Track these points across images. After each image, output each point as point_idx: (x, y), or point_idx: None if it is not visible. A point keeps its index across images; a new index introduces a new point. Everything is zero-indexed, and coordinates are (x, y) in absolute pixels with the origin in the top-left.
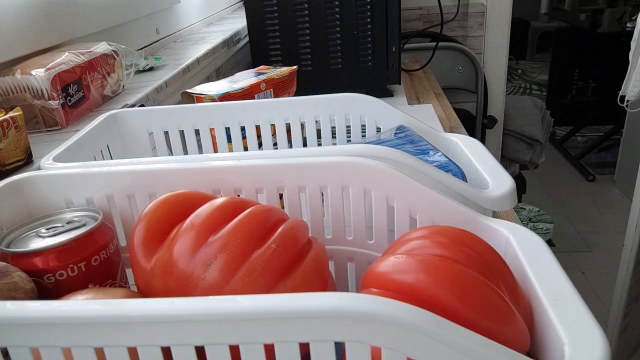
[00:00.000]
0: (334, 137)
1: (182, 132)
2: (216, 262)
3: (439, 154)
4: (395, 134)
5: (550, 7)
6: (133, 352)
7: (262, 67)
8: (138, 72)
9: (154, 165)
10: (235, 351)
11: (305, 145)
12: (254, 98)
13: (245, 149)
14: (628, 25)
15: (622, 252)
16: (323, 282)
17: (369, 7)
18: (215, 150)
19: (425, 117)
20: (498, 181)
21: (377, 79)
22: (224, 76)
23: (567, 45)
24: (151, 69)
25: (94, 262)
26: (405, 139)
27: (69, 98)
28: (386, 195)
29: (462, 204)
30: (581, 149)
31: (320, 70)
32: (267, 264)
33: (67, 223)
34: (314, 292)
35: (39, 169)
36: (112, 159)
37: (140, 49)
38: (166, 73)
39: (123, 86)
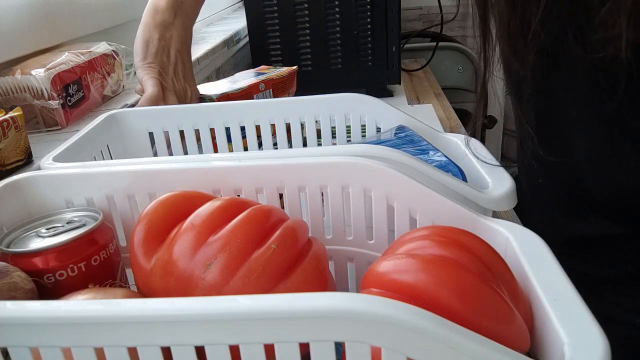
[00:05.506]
0: (334, 137)
1: (182, 132)
2: (216, 262)
3: (439, 154)
4: (395, 134)
5: None
6: (133, 352)
7: (262, 67)
8: None
9: (154, 165)
10: (235, 351)
11: (305, 145)
12: (252, 98)
13: (245, 149)
14: None
15: None
16: (323, 282)
17: (369, 7)
18: (215, 150)
19: (425, 117)
20: (498, 181)
21: (377, 79)
22: (224, 76)
23: None
24: None
25: (94, 262)
26: (405, 139)
27: (69, 98)
28: (386, 195)
29: (462, 204)
30: None
31: (320, 70)
32: (267, 264)
33: (67, 223)
34: (313, 292)
35: (39, 169)
36: (112, 159)
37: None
38: None
39: (123, 86)
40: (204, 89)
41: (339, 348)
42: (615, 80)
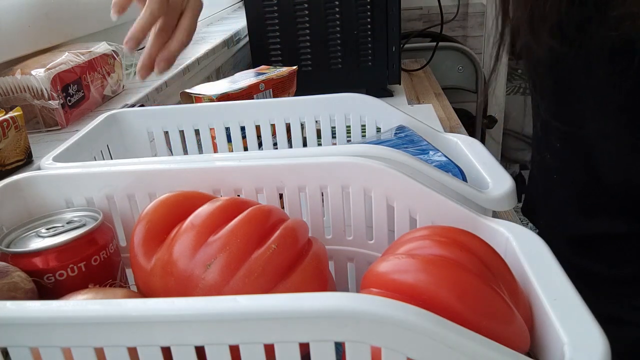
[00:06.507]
0: (334, 137)
1: (182, 132)
2: (216, 262)
3: (439, 154)
4: (395, 134)
5: None
6: (133, 352)
7: (262, 67)
8: None
9: (154, 165)
10: (235, 351)
11: (305, 145)
12: (252, 98)
13: (245, 149)
14: None
15: None
16: (323, 282)
17: (369, 7)
18: (215, 150)
19: (425, 117)
20: (498, 181)
21: (377, 79)
22: (224, 76)
23: None
24: None
25: (94, 262)
26: (405, 139)
27: (69, 98)
28: (386, 195)
29: (462, 204)
30: None
31: (320, 70)
32: (267, 264)
33: (67, 223)
34: (313, 292)
35: (39, 169)
36: (112, 159)
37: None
38: (166, 73)
39: (123, 86)
40: (204, 89)
41: (339, 348)
42: (630, 61)
